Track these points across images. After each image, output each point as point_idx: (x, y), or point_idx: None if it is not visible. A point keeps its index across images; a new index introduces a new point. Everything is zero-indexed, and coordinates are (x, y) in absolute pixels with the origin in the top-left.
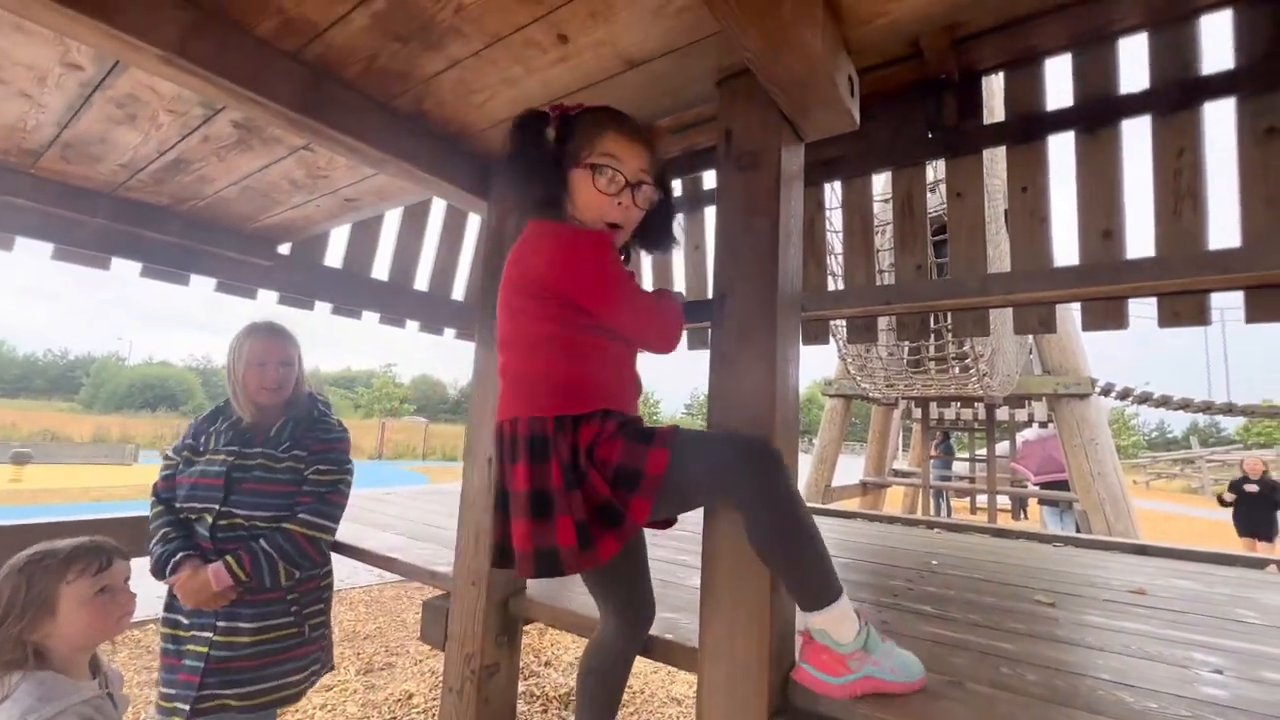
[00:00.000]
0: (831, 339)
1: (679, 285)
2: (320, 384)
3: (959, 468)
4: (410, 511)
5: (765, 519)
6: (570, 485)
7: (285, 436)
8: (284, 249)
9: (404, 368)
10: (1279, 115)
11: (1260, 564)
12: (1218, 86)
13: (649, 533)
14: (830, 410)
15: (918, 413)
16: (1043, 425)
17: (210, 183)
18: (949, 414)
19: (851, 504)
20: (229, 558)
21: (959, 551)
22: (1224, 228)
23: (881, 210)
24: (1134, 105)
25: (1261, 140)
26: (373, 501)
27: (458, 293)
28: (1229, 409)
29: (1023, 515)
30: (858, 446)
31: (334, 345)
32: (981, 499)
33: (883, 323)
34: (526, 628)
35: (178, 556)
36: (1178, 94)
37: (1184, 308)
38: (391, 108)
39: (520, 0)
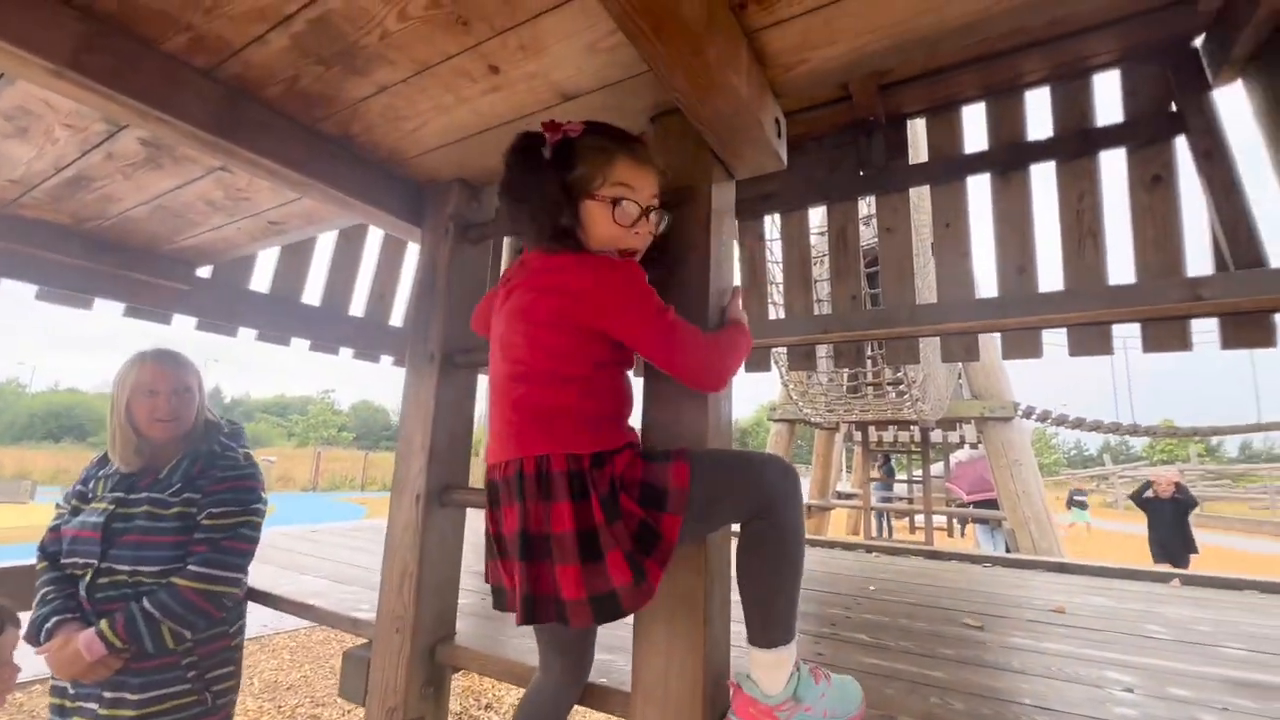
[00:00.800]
0: (773, 366)
1: None
2: (250, 411)
3: (900, 489)
4: (337, 550)
5: (774, 538)
6: (611, 518)
7: (177, 477)
8: (204, 272)
9: (343, 393)
10: (1163, 165)
11: (1165, 578)
12: (1110, 138)
13: None
14: (775, 435)
15: (858, 436)
16: (974, 447)
17: (116, 202)
18: (887, 437)
19: None
20: (103, 622)
21: (896, 575)
22: (1123, 265)
23: (819, 242)
24: (1040, 151)
25: (1149, 187)
26: (296, 540)
27: (396, 319)
28: (1134, 429)
29: (960, 533)
30: (804, 469)
31: (267, 371)
32: (919, 518)
33: (822, 350)
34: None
35: (51, 622)
36: (1077, 143)
37: (1090, 338)
38: (316, 130)
39: (448, 31)
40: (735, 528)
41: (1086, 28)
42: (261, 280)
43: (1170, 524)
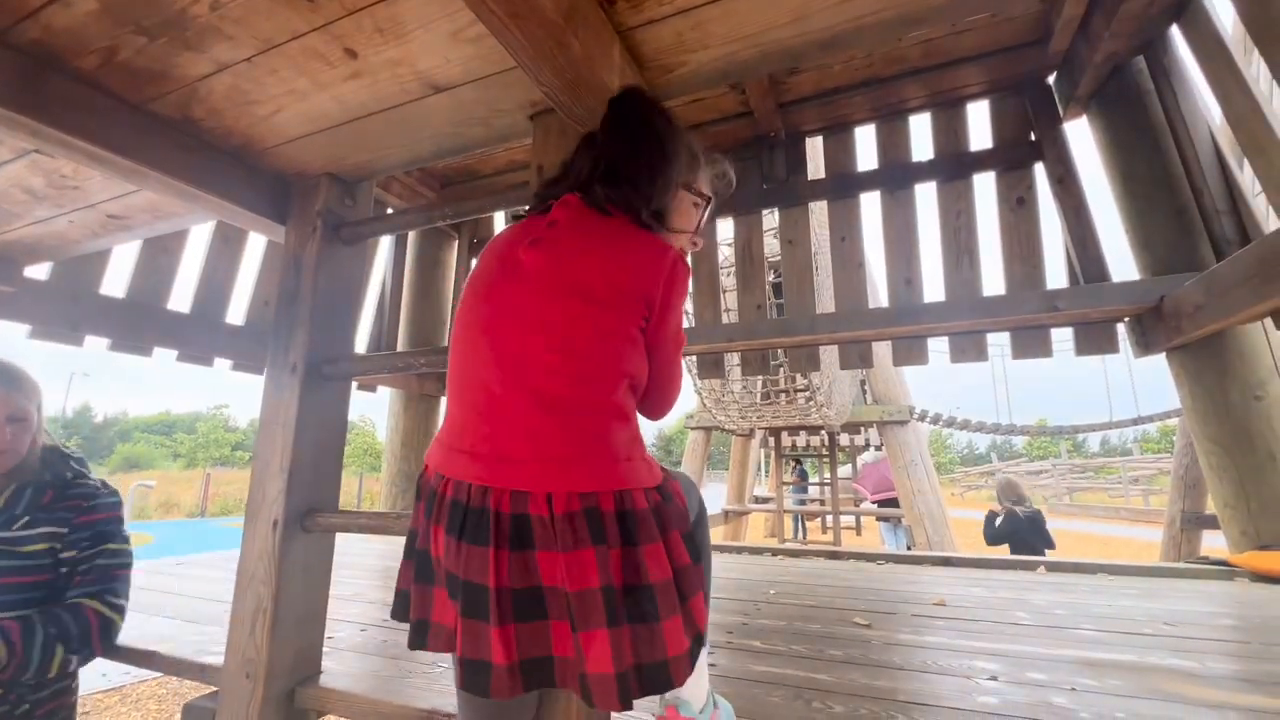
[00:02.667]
0: (686, 374)
1: None
2: (128, 430)
3: (814, 491)
4: (198, 585)
5: (702, 547)
6: (678, 570)
7: (21, 509)
8: (37, 272)
9: (239, 409)
10: (1025, 188)
11: (1032, 566)
12: (982, 162)
13: None
14: (692, 443)
15: (772, 441)
16: (878, 449)
17: None
18: (799, 442)
19: (714, 534)
20: None
21: (797, 577)
22: (996, 278)
23: (729, 252)
24: (923, 172)
25: (1014, 208)
26: (152, 575)
27: None
28: (1012, 429)
29: (858, 532)
30: (721, 475)
31: (150, 385)
32: (829, 519)
33: (735, 357)
34: None
35: None
36: (954, 165)
37: (968, 346)
38: (149, 112)
39: (291, 6)
40: None
41: (958, 59)
42: (117, 283)
43: (1031, 537)
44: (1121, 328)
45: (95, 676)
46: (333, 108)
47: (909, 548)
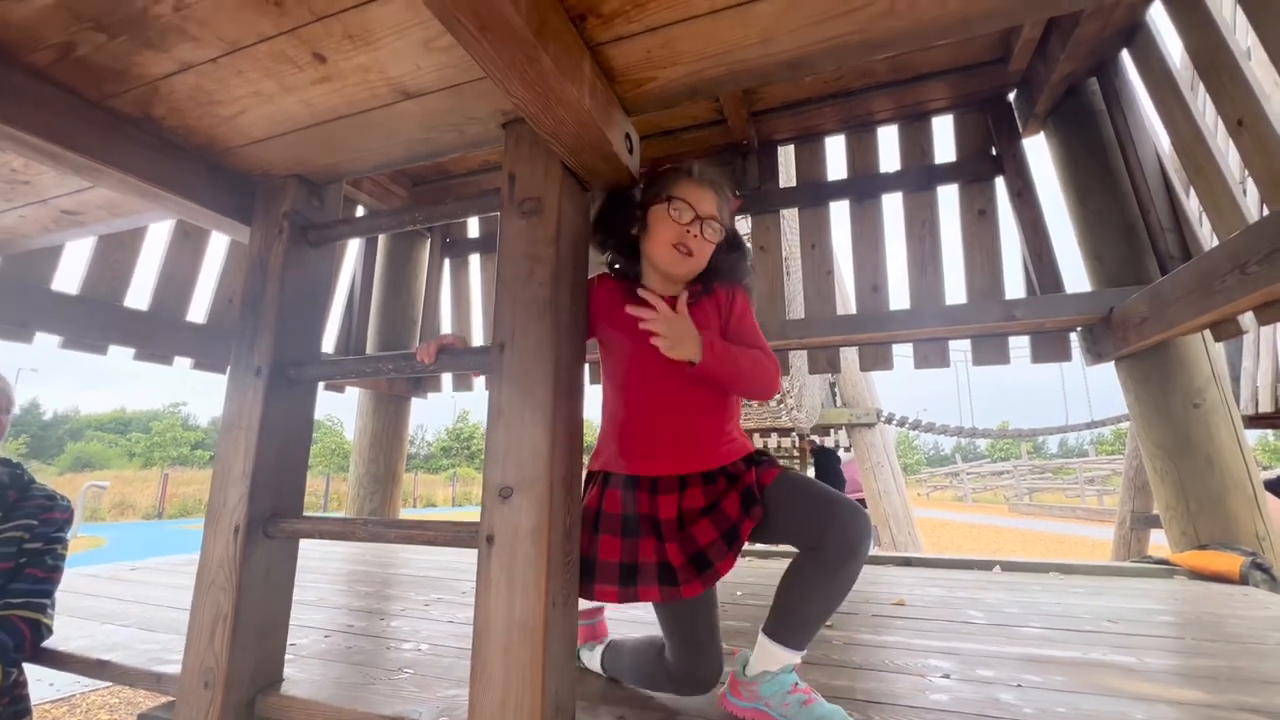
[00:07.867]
0: None
1: (477, 331)
2: (79, 428)
3: None
4: (155, 591)
5: None
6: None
7: None
8: None
9: (199, 406)
10: (987, 200)
11: (989, 566)
12: (945, 174)
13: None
14: None
15: None
16: (846, 450)
17: None
18: (771, 444)
19: None
20: None
21: (765, 579)
22: (957, 287)
23: None
24: (890, 183)
25: (976, 219)
26: (103, 582)
27: None
28: (975, 432)
29: None
30: None
31: (103, 381)
32: None
33: None
34: None
35: None
36: (920, 177)
37: (931, 352)
38: (108, 109)
39: (258, 9)
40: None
41: (923, 75)
42: (70, 279)
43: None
44: (1075, 336)
45: (43, 686)
46: (300, 111)
47: (876, 546)
